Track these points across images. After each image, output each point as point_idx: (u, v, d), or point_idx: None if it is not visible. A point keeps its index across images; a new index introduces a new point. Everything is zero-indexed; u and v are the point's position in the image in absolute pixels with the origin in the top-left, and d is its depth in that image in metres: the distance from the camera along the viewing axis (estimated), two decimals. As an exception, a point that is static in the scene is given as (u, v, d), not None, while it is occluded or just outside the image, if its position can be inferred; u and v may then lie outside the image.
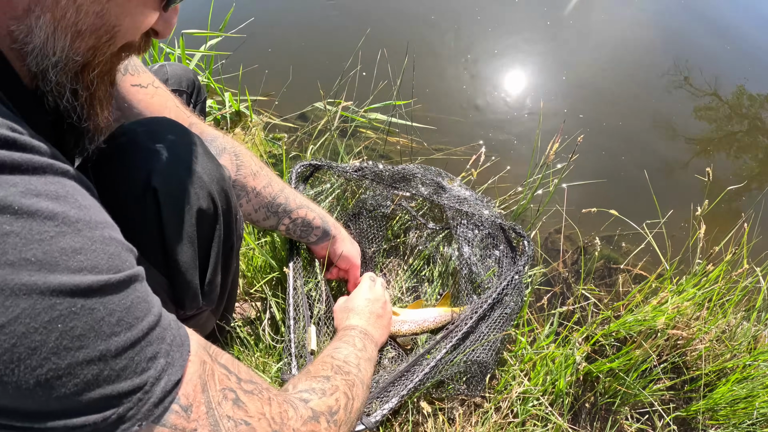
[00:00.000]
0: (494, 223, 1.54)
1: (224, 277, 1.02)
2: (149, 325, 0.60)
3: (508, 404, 1.43)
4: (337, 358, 1.07)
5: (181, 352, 0.64)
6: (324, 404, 0.88)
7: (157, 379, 0.59)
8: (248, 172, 1.25)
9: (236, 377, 0.73)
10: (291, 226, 1.34)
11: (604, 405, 1.54)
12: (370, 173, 1.59)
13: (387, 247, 1.65)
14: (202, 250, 0.90)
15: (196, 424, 0.63)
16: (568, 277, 1.71)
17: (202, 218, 0.87)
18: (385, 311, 1.38)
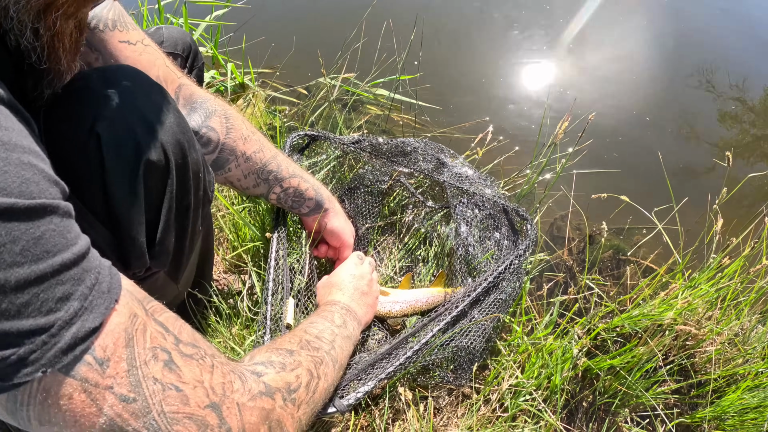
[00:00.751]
0: (496, 204, 1.43)
1: (180, 239, 0.92)
2: (63, 263, 0.52)
3: (498, 396, 1.32)
4: (309, 333, 0.97)
5: (105, 300, 0.56)
6: (281, 380, 0.78)
7: (67, 323, 0.52)
8: (238, 135, 1.16)
9: (174, 338, 0.64)
10: (282, 196, 1.25)
11: (602, 405, 1.42)
12: (368, 146, 1.50)
13: (382, 224, 1.55)
14: (152, 207, 0.82)
15: (112, 381, 0.55)
16: (573, 266, 1.59)
17: (150, 171, 0.78)
18: (371, 289, 1.27)
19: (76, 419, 0.54)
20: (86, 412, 0.54)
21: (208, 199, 0.96)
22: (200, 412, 0.62)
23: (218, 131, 1.12)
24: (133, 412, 0.56)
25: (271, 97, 1.86)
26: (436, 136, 1.89)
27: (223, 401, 0.65)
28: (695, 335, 1.47)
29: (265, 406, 0.71)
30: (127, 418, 0.56)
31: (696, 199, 1.70)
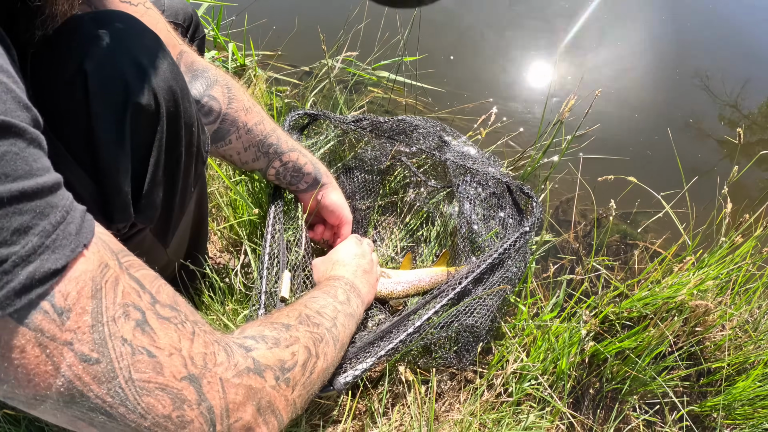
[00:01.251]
0: (500, 182, 1.38)
1: (169, 195, 0.84)
2: (24, 190, 0.44)
3: (502, 381, 1.26)
4: (310, 307, 0.88)
5: (72, 242, 0.48)
6: (273, 356, 0.69)
7: (23, 260, 0.44)
8: (240, 106, 1.10)
9: (151, 297, 0.55)
10: (281, 170, 1.20)
11: (609, 393, 1.35)
12: (368, 125, 1.45)
13: (383, 204, 1.49)
14: (139, 156, 0.74)
15: (72, 336, 0.47)
16: (579, 249, 1.53)
17: (138, 115, 0.71)
18: (372, 268, 1.20)
19: (30, 378, 0.46)
20: (41, 370, 0.46)
21: (202, 158, 0.89)
22: (176, 384, 0.53)
23: (220, 101, 1.06)
24: (96, 376, 0.48)
25: (273, 78, 1.81)
26: (438, 116, 1.83)
27: (204, 374, 0.56)
28: (704, 321, 1.41)
29: (252, 385, 0.62)
30: (89, 381, 0.48)
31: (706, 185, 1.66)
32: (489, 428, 1.18)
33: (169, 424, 0.53)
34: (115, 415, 0.50)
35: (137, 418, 0.51)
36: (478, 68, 2.09)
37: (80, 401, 0.48)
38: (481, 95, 1.94)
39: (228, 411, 0.58)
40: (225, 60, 1.81)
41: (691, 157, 1.89)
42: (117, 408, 0.50)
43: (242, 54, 1.80)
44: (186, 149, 0.82)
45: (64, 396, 0.48)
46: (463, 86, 1.98)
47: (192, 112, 0.82)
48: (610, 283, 1.43)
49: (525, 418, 1.20)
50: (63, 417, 0.50)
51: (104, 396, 0.49)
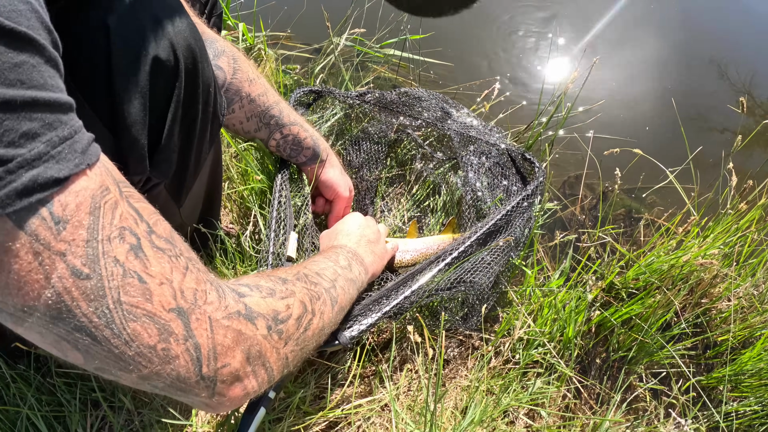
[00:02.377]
0: (503, 152, 1.37)
1: (185, 153, 0.84)
2: (36, 99, 0.45)
3: (510, 346, 1.24)
4: (309, 268, 0.86)
5: (77, 158, 0.48)
6: (267, 306, 0.66)
7: (27, 163, 0.44)
8: (244, 77, 1.11)
9: (147, 227, 0.54)
10: (281, 143, 1.21)
11: (616, 362, 1.33)
12: (372, 98, 1.45)
13: (390, 175, 1.48)
14: (156, 111, 0.74)
15: (66, 247, 0.47)
16: (585, 222, 1.52)
17: (158, 69, 0.71)
18: (378, 239, 1.18)
19: (20, 286, 0.46)
20: (32, 278, 0.46)
21: (218, 121, 0.90)
22: (164, 314, 0.52)
23: (225, 71, 1.07)
24: (85, 292, 0.48)
25: (282, 57, 1.81)
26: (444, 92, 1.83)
27: (193, 310, 0.55)
28: (710, 293, 1.40)
29: (242, 330, 0.60)
30: (77, 297, 0.48)
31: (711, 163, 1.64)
32: (496, 394, 1.16)
33: (154, 356, 0.52)
34: (100, 338, 0.49)
35: (122, 345, 0.50)
36: (483, 46, 2.08)
37: (67, 318, 0.48)
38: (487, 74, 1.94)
39: (215, 353, 0.56)
40: (235, 40, 1.81)
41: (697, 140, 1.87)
42: (102, 330, 0.49)
43: (252, 34, 1.80)
44: (203, 108, 0.83)
45: (51, 310, 0.47)
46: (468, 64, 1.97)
47: (209, 73, 0.82)
48: (615, 253, 1.42)
49: (532, 384, 1.18)
50: (49, 336, 0.49)
51: (91, 315, 0.48)
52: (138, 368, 0.52)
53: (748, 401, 1.28)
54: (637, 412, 1.29)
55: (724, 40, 2.36)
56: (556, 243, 1.36)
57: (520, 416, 1.18)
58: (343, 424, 1.08)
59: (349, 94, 1.44)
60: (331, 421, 1.08)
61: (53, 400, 0.99)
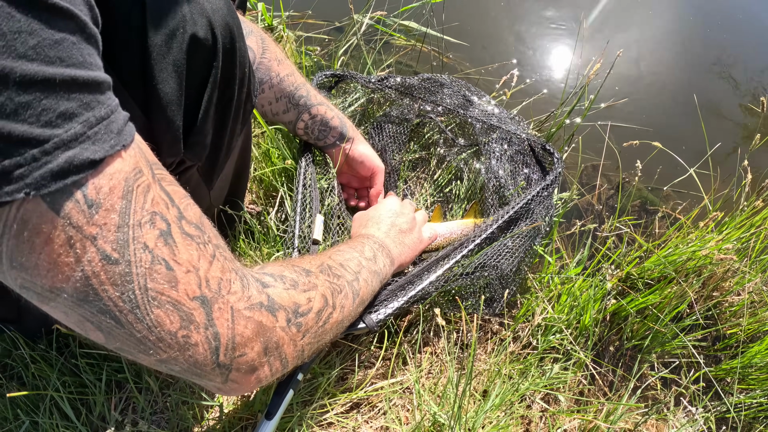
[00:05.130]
0: (523, 140, 1.35)
1: (219, 134, 0.80)
2: (75, 78, 0.43)
3: (528, 332, 1.22)
4: (333, 259, 0.84)
5: (112, 139, 0.46)
6: (289, 298, 0.65)
7: (64, 144, 0.42)
8: (273, 57, 1.08)
9: (178, 211, 0.52)
10: (310, 124, 1.16)
11: (629, 351, 1.32)
12: (394, 83, 1.41)
13: (412, 158, 1.45)
14: (192, 91, 0.70)
15: (97, 231, 0.46)
16: (602, 212, 1.50)
17: (195, 48, 0.66)
18: (411, 228, 1.13)
19: (50, 268, 0.45)
20: (62, 260, 0.45)
21: (251, 100, 0.85)
22: (187, 302, 0.51)
23: (255, 50, 1.04)
24: (112, 277, 0.47)
25: (301, 38, 1.76)
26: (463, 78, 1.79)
27: (216, 299, 0.54)
28: (722, 286, 1.39)
29: (264, 321, 0.59)
30: (105, 280, 0.47)
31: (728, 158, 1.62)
32: (514, 378, 1.15)
33: (174, 342, 0.52)
34: (124, 322, 0.49)
35: (144, 329, 0.50)
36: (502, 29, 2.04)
37: (93, 300, 0.47)
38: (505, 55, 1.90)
39: (234, 343, 0.56)
40: (253, 19, 1.76)
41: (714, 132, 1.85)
42: (126, 315, 0.49)
43: (270, 14, 1.75)
44: (238, 89, 0.78)
45: (78, 292, 0.47)
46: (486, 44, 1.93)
47: (245, 52, 0.78)
48: (632, 242, 1.41)
49: (549, 369, 1.17)
50: (73, 316, 0.49)
51: (116, 299, 0.48)
52: (157, 352, 0.52)
53: (755, 393, 1.28)
54: (647, 399, 1.28)
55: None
56: (575, 232, 1.34)
57: (537, 400, 1.18)
58: (365, 406, 1.07)
59: (371, 78, 1.41)
60: (354, 402, 1.07)
61: (76, 381, 0.96)
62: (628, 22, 2.25)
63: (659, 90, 1.95)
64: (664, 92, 1.95)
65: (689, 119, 1.83)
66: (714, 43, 2.24)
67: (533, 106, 1.65)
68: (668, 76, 2.03)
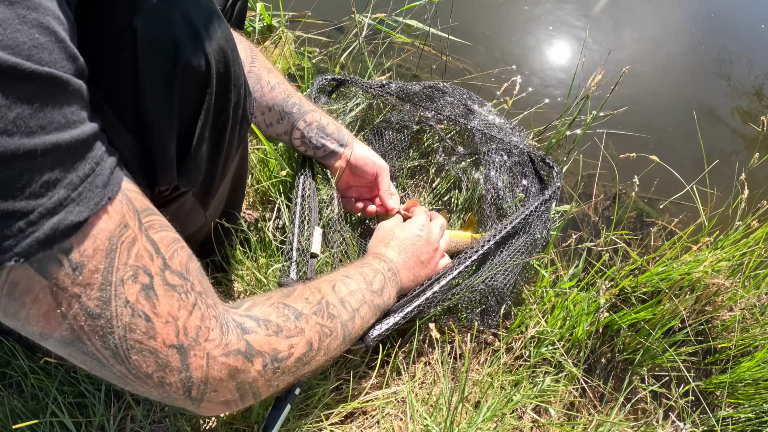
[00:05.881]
0: (523, 152, 1.34)
1: (214, 158, 0.79)
2: (57, 143, 0.44)
3: (521, 344, 1.24)
4: (337, 291, 0.84)
5: (97, 195, 0.48)
6: (269, 344, 0.66)
7: (49, 212, 0.44)
8: (263, 65, 1.06)
9: (163, 262, 0.54)
10: (306, 131, 1.12)
11: (620, 363, 1.34)
12: (395, 89, 1.40)
13: (411, 166, 1.45)
14: (186, 117, 0.69)
15: (81, 290, 0.49)
16: (598, 223, 1.51)
17: (188, 76, 0.65)
18: (431, 259, 1.09)
19: (39, 320, 0.49)
20: (50, 315, 0.48)
21: (247, 121, 0.84)
22: (164, 350, 0.54)
23: (243, 59, 0.98)
24: (95, 329, 0.51)
25: (301, 39, 1.74)
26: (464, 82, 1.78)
27: (193, 346, 0.57)
28: (714, 301, 1.40)
29: (239, 366, 0.62)
30: (88, 332, 0.51)
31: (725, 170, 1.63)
32: (507, 390, 1.17)
33: (150, 381, 0.56)
34: (105, 364, 0.53)
35: (123, 369, 0.54)
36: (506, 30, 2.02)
37: (78, 345, 0.51)
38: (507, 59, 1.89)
39: (207, 384, 0.59)
40: (252, 19, 1.74)
41: (712, 142, 1.85)
42: (108, 359, 0.53)
43: (269, 13, 1.73)
44: (233, 113, 0.77)
45: (65, 338, 0.50)
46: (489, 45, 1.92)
47: (240, 74, 0.76)
48: (626, 257, 1.41)
49: (541, 381, 1.18)
50: (62, 351, 0.53)
51: (99, 347, 0.52)
52: (135, 386, 0.56)
53: (743, 408, 1.29)
54: (637, 413, 1.30)
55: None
56: (570, 245, 1.35)
57: (528, 411, 1.19)
58: (359, 416, 1.08)
59: (372, 83, 1.40)
60: (349, 412, 1.08)
61: (75, 391, 0.97)
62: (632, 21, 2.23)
63: (657, 96, 1.94)
64: (663, 99, 1.94)
65: (688, 126, 1.82)
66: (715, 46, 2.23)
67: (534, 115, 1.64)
68: (666, 81, 2.02)
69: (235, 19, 1.29)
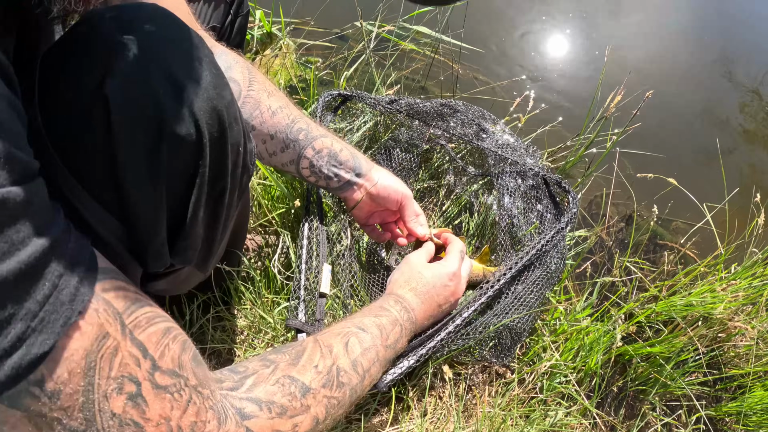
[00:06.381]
0: (537, 174, 1.30)
1: (212, 229, 0.70)
2: (4, 277, 0.39)
3: (534, 378, 1.21)
4: (350, 352, 0.78)
5: (63, 313, 0.43)
6: (271, 428, 0.62)
7: (6, 353, 0.40)
8: (262, 88, 0.93)
9: (152, 363, 0.49)
10: (316, 160, 0.98)
11: (632, 392, 1.32)
12: (405, 106, 1.33)
13: (421, 188, 1.39)
14: (177, 192, 0.60)
15: (61, 414, 0.45)
16: (612, 247, 1.47)
17: (176, 148, 0.56)
18: (453, 303, 1.04)
19: None
20: None
21: (248, 173, 0.74)
22: None
23: (240, 82, 0.90)
24: None
25: (303, 47, 1.66)
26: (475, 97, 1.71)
27: None
28: (727, 328, 1.37)
29: None
30: None
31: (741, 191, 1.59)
32: (519, 424, 1.14)
33: None
34: None
35: None
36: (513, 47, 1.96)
37: None
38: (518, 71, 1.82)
39: None
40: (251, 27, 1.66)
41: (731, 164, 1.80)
42: None
43: (269, 20, 1.64)
44: (231, 175, 0.67)
45: None
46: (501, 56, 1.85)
47: (239, 129, 0.66)
48: (641, 282, 1.38)
49: (553, 415, 1.16)
50: None
51: None
52: None
53: (756, 438, 1.28)
54: (648, 442, 1.28)
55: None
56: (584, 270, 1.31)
57: (539, 444, 1.17)
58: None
59: (380, 99, 1.32)
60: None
61: None
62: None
63: (674, 111, 1.88)
64: (678, 114, 1.89)
65: (706, 144, 1.78)
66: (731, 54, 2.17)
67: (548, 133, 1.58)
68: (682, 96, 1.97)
69: (235, 36, 1.22)
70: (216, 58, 0.85)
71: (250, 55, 1.60)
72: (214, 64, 0.62)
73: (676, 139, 1.80)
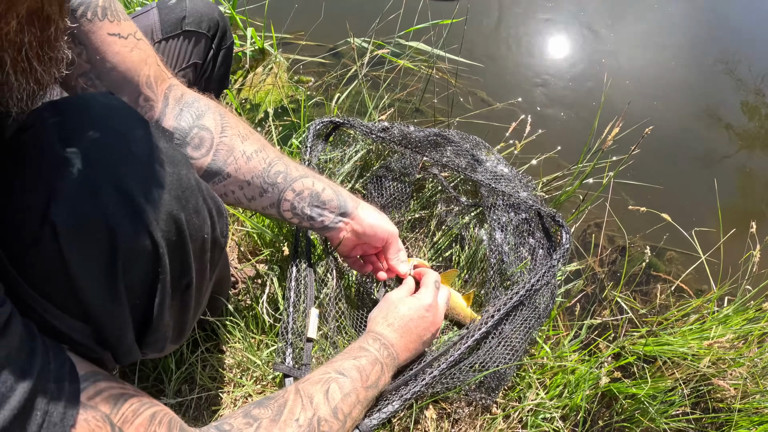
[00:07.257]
0: (531, 207, 1.28)
1: (182, 318, 0.71)
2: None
3: (519, 414, 1.22)
4: (331, 400, 0.81)
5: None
6: None
7: None
8: (235, 132, 0.91)
9: None
10: (297, 203, 0.96)
11: (617, 427, 1.32)
12: (398, 134, 1.30)
13: (411, 219, 1.38)
14: (141, 294, 0.61)
15: None
16: (604, 279, 1.46)
17: (132, 261, 0.57)
18: (432, 338, 1.06)
19: None
20: None
21: (220, 245, 0.73)
22: None
23: (212, 130, 0.88)
24: None
25: (296, 66, 1.62)
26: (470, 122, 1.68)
27: None
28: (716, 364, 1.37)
29: None
30: None
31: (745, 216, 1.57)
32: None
33: None
34: None
35: None
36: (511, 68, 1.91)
37: None
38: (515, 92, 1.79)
39: None
40: (243, 43, 1.61)
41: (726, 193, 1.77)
42: None
43: (261, 37, 1.60)
44: (198, 267, 0.67)
45: None
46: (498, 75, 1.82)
47: (203, 214, 0.65)
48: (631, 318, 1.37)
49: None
50: None
51: None
52: None
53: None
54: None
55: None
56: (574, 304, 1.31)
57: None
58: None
59: (372, 126, 1.29)
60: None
61: None
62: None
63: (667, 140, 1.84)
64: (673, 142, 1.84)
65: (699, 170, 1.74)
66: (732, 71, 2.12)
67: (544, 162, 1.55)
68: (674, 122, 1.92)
69: (218, 71, 1.18)
70: (189, 105, 0.86)
71: (242, 73, 1.57)
72: (170, 154, 0.61)
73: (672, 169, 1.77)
